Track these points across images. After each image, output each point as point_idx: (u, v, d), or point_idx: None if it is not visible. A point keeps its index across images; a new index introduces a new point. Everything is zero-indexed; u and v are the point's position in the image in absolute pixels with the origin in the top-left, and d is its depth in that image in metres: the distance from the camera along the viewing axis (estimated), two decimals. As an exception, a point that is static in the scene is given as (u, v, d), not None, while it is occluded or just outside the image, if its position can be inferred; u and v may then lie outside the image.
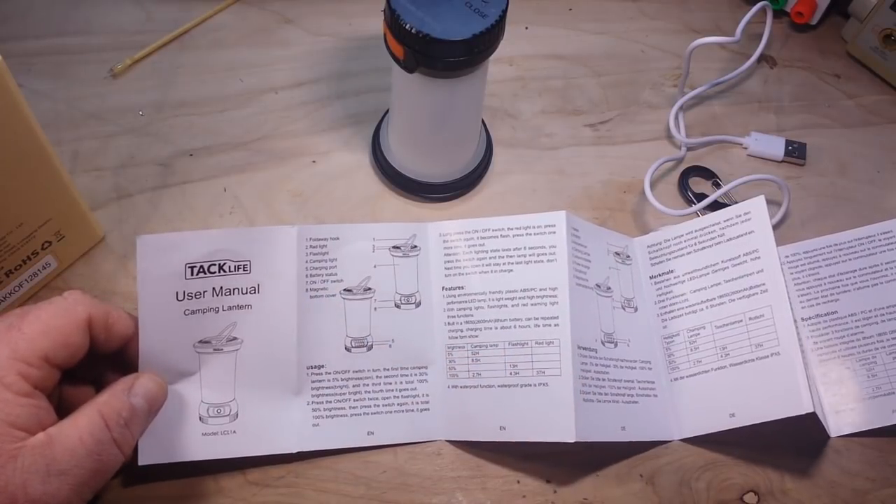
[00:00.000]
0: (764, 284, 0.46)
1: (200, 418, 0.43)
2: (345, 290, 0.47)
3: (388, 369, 0.47)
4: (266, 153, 0.57)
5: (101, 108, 0.58)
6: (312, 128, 0.59)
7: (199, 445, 0.43)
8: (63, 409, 0.38)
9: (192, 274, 0.44)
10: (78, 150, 0.56)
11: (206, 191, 0.55)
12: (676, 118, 0.60)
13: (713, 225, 0.50)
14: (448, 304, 0.48)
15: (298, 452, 0.44)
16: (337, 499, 0.44)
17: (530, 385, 0.45)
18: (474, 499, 0.45)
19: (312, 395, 0.45)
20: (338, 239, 0.47)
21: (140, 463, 0.41)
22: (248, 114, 0.59)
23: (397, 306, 0.48)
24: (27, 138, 0.42)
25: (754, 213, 0.48)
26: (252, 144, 0.57)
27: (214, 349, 0.44)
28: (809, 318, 0.50)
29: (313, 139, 0.58)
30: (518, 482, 0.45)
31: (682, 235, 0.51)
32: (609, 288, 0.49)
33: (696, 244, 0.50)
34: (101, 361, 0.41)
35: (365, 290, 0.47)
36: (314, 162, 0.57)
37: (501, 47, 0.65)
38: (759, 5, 0.60)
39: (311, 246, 0.47)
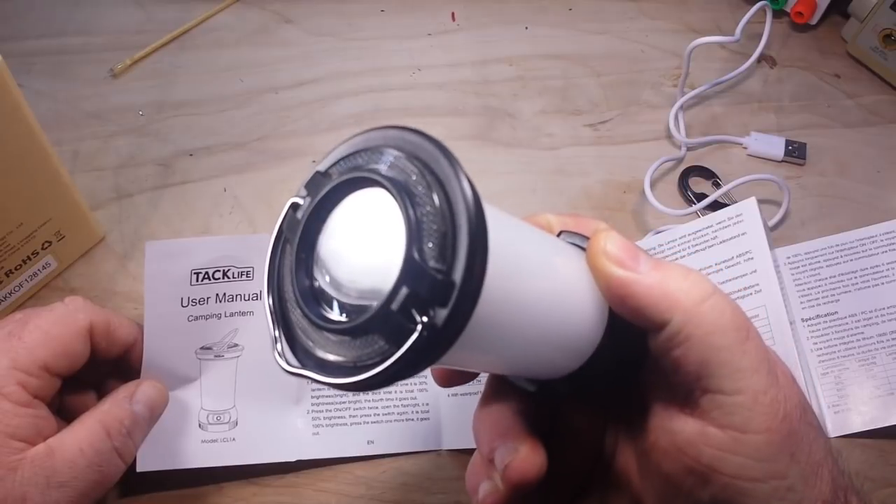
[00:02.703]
0: (758, 285, 0.46)
1: (200, 425, 0.43)
2: None
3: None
4: (266, 153, 0.57)
5: (101, 108, 0.58)
6: (312, 128, 0.59)
7: (197, 453, 0.43)
8: (64, 415, 0.38)
9: (197, 280, 0.44)
10: (78, 150, 0.56)
11: (206, 191, 0.55)
12: (676, 118, 0.60)
13: (706, 228, 0.50)
14: None
15: (298, 460, 0.44)
16: (337, 499, 0.44)
17: None
18: (474, 499, 0.45)
19: (312, 404, 0.45)
20: None
21: (138, 470, 0.41)
22: (248, 114, 0.59)
23: None
24: (27, 138, 0.42)
25: (746, 215, 0.48)
26: (252, 144, 0.57)
27: (216, 355, 0.44)
28: (810, 318, 0.50)
29: (313, 139, 0.58)
30: (518, 482, 0.45)
31: (676, 240, 0.51)
32: None
33: (690, 248, 0.50)
34: (102, 367, 0.41)
35: None
36: (314, 162, 0.57)
37: (502, 47, 0.65)
38: (758, 5, 0.60)
39: None
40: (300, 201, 0.24)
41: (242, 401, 0.44)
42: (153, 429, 0.40)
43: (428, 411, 0.46)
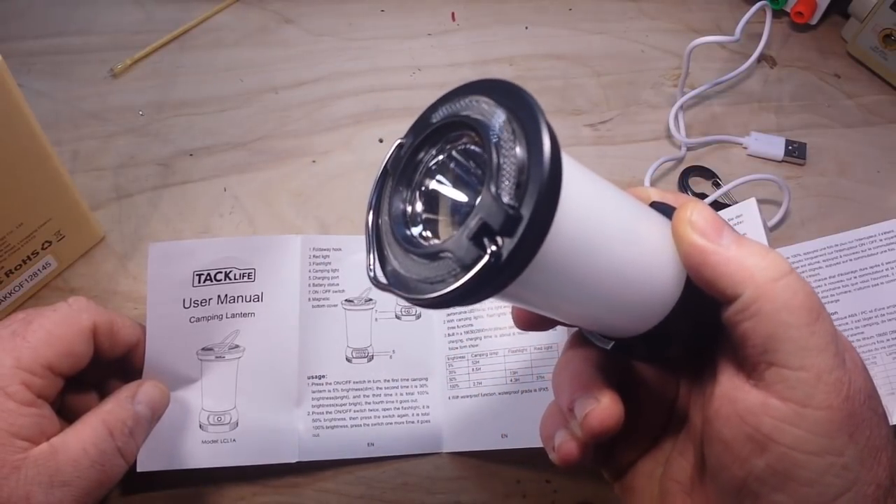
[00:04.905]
0: None
1: (200, 426, 0.43)
2: (346, 300, 0.47)
3: (388, 380, 0.46)
4: (266, 153, 0.57)
5: (101, 108, 0.58)
6: (312, 128, 0.59)
7: (198, 453, 0.43)
8: (65, 414, 0.38)
9: (199, 281, 0.44)
10: (78, 150, 0.56)
11: (206, 191, 0.55)
12: (676, 118, 0.60)
13: None
14: (448, 315, 0.48)
15: (298, 462, 0.44)
16: (337, 498, 0.44)
17: (531, 391, 0.45)
18: (474, 499, 0.45)
19: (313, 406, 0.45)
20: (340, 250, 0.48)
21: (139, 470, 0.41)
22: (248, 114, 0.59)
23: (398, 318, 0.48)
24: (27, 138, 0.42)
25: (746, 216, 0.48)
26: (252, 144, 0.57)
27: (217, 356, 0.44)
28: (809, 318, 0.50)
29: (313, 139, 0.58)
30: (518, 482, 0.45)
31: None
32: None
33: None
34: (104, 367, 0.41)
35: (366, 300, 0.47)
36: (314, 162, 0.57)
37: (502, 47, 0.65)
38: (758, 5, 0.60)
39: (314, 256, 0.47)
40: (404, 142, 0.27)
41: (243, 402, 0.44)
42: (154, 429, 0.40)
43: (428, 414, 0.46)
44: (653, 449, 0.34)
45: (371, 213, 0.27)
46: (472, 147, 0.26)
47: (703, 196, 0.55)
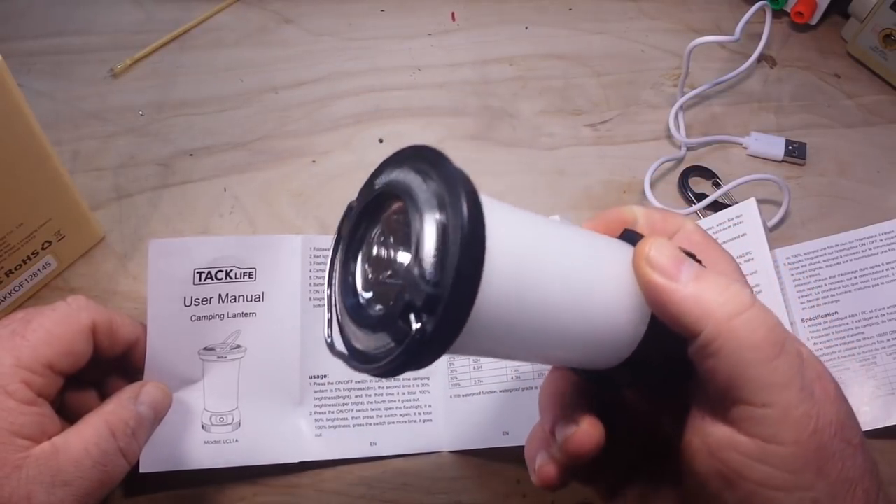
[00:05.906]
0: (759, 285, 0.46)
1: (203, 426, 0.43)
2: None
3: (390, 380, 0.46)
4: (266, 153, 0.57)
5: (101, 108, 0.58)
6: (312, 128, 0.59)
7: (200, 454, 0.43)
8: (64, 413, 0.38)
9: (199, 280, 0.44)
10: (78, 150, 0.56)
11: (206, 191, 0.55)
12: (676, 118, 0.60)
13: (706, 229, 0.50)
14: None
15: (299, 462, 0.44)
16: (338, 499, 0.44)
17: (532, 388, 0.45)
18: (474, 499, 0.45)
19: (315, 405, 0.45)
20: None
21: (141, 471, 0.41)
22: (248, 114, 0.59)
23: None
24: (27, 138, 0.42)
25: (746, 216, 0.48)
26: (252, 144, 0.57)
27: (218, 357, 0.44)
28: (810, 319, 0.50)
29: (313, 139, 0.58)
30: (518, 482, 0.45)
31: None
32: None
33: None
34: (104, 365, 0.41)
35: None
36: (314, 162, 0.57)
37: (502, 47, 0.65)
38: (758, 5, 0.60)
39: (314, 255, 0.47)
40: (353, 204, 0.27)
41: (245, 402, 0.44)
42: (156, 430, 0.40)
43: (430, 413, 0.46)
44: (639, 477, 0.33)
45: (328, 284, 0.27)
46: (404, 217, 0.25)
47: (702, 196, 0.55)
